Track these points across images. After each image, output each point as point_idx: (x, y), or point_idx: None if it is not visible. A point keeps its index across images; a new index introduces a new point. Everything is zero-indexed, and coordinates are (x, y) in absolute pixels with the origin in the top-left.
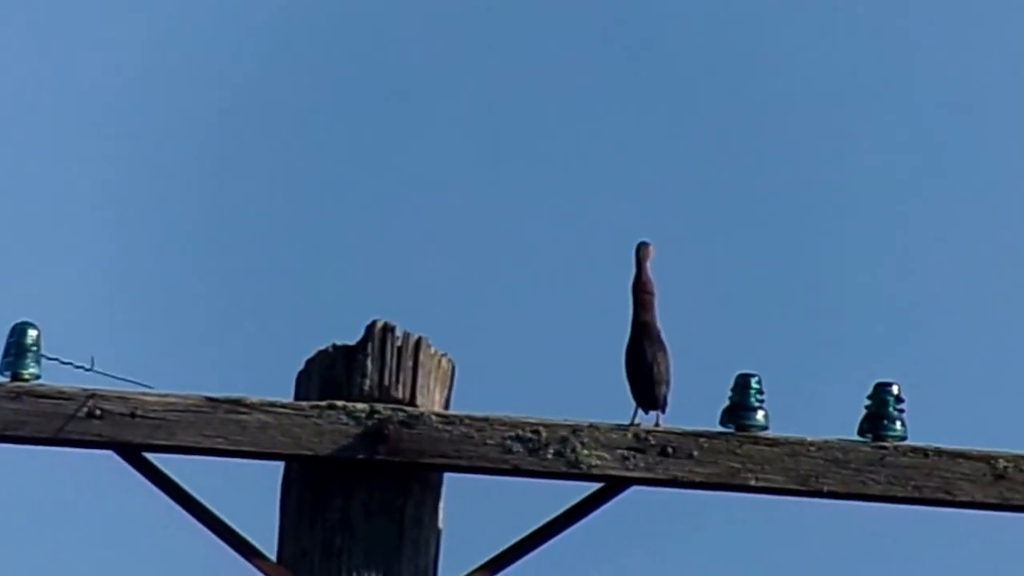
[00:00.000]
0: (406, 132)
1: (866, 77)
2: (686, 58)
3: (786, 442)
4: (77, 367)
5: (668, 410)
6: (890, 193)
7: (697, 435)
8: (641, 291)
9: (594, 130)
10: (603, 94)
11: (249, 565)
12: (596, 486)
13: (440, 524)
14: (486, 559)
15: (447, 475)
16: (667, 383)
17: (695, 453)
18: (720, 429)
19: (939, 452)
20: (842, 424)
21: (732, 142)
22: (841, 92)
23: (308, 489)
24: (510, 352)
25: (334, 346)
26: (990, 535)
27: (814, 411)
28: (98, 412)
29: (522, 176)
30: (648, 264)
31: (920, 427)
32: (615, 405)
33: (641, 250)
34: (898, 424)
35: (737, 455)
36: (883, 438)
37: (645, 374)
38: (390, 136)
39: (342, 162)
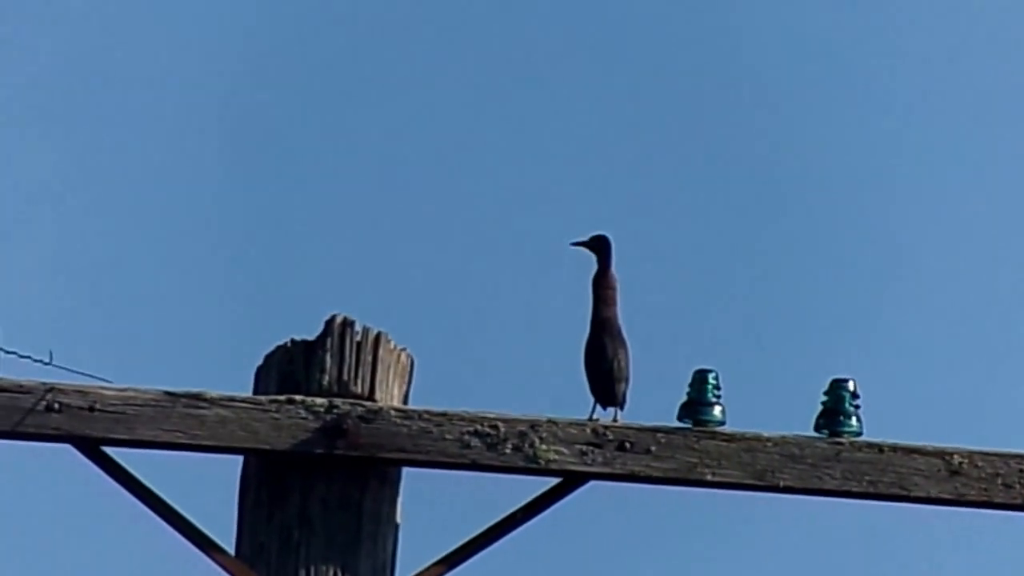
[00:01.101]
0: (366, 126)
1: (832, 72)
2: (641, 48)
3: (743, 437)
4: (36, 361)
5: (626, 406)
6: (848, 190)
7: (655, 430)
8: (603, 286)
9: (553, 124)
10: (562, 87)
11: (207, 559)
12: (554, 481)
13: (398, 519)
14: (443, 554)
15: (405, 470)
16: (627, 380)
17: (653, 448)
18: (677, 424)
19: (894, 448)
20: (798, 420)
21: (692, 137)
22: (802, 86)
23: (266, 483)
24: (469, 347)
25: (293, 341)
26: (945, 530)
27: (771, 407)
28: (57, 406)
29: (482, 170)
30: (610, 258)
31: (876, 423)
32: (574, 400)
33: (602, 244)
34: (854, 420)
35: (694, 450)
36: (839, 434)
37: (606, 371)
38: (350, 131)
39: (302, 157)
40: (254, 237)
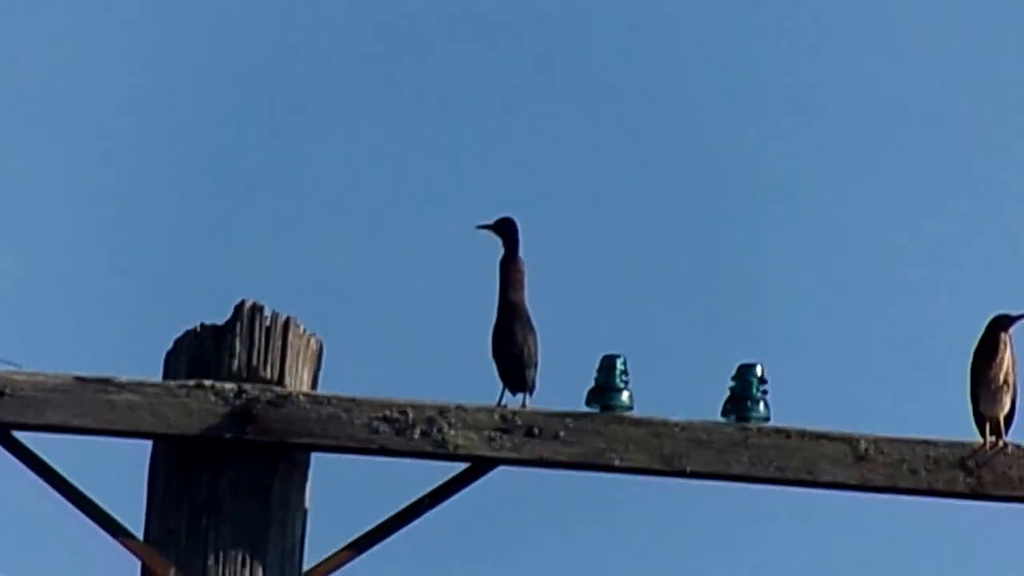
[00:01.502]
0: (273, 110)
1: (734, 62)
2: (546, 35)
3: (650, 423)
4: None
5: (535, 391)
6: (753, 179)
7: (563, 416)
8: (510, 270)
9: (458, 110)
10: (467, 74)
11: (116, 543)
12: (462, 466)
13: (307, 504)
14: (352, 539)
15: (314, 455)
16: (536, 366)
17: (561, 434)
18: (586, 410)
19: (801, 433)
20: (706, 405)
21: (602, 123)
22: (711, 79)
23: (176, 468)
24: (378, 333)
25: (202, 326)
26: (851, 515)
27: (679, 392)
28: None
29: (388, 156)
30: (517, 242)
31: (783, 409)
32: (482, 386)
33: (509, 227)
34: (761, 405)
35: (602, 435)
36: (746, 419)
37: (515, 357)
38: (257, 115)
39: (210, 144)
40: (164, 221)
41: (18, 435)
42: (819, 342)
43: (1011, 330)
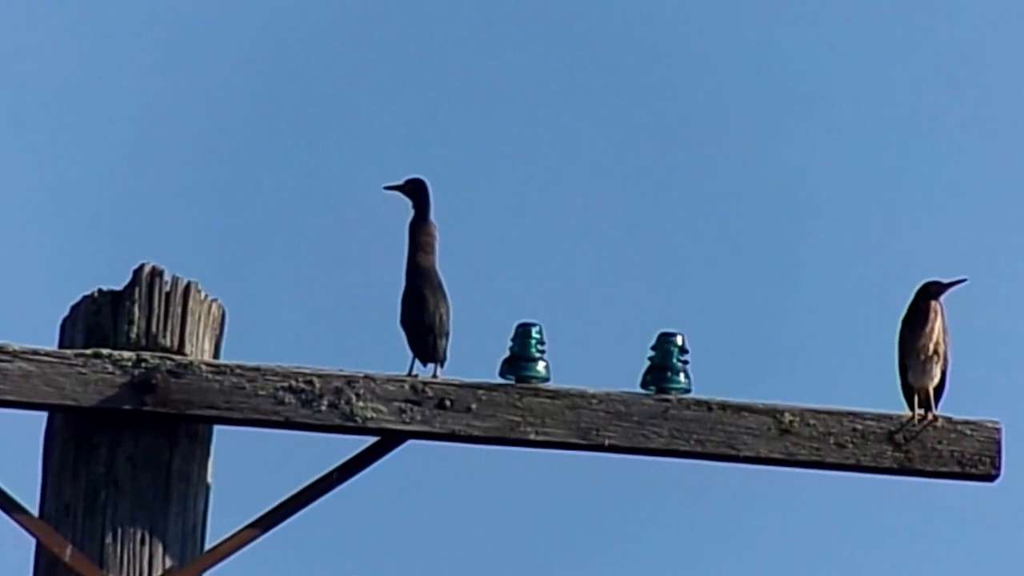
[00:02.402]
0: (172, 70)
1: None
2: None
3: (567, 394)
4: None
5: (447, 361)
6: (671, 138)
7: (476, 387)
8: (420, 233)
9: (372, 64)
10: (380, 29)
11: (10, 520)
12: (371, 440)
13: (209, 479)
14: (257, 516)
15: (217, 427)
16: (448, 334)
17: (473, 406)
18: (500, 381)
19: (723, 406)
20: (625, 376)
21: (519, 81)
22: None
23: (72, 441)
24: (283, 299)
25: (99, 291)
26: (774, 490)
27: (597, 362)
28: None
29: (292, 114)
30: (428, 204)
31: (705, 379)
32: (392, 355)
33: (418, 188)
34: (682, 376)
35: (517, 408)
36: (666, 390)
37: (426, 325)
38: (157, 74)
39: (109, 103)
40: (59, 183)
41: None
42: (741, 310)
43: (942, 298)
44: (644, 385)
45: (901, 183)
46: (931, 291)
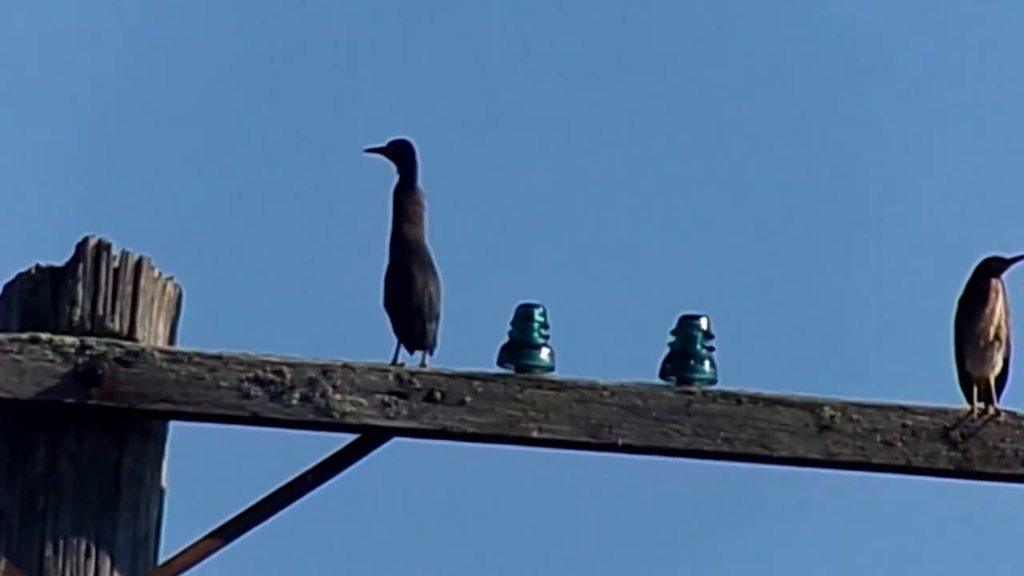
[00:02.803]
0: (129, 37)
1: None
2: None
3: (575, 386)
4: None
5: (436, 348)
6: (697, 116)
7: (471, 377)
8: (406, 201)
9: (355, 33)
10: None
11: None
12: (351, 437)
13: (164, 482)
14: (216, 525)
15: (173, 423)
16: (438, 317)
17: (468, 399)
18: (498, 370)
19: (754, 399)
20: (642, 365)
21: (513, 43)
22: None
23: (6, 439)
24: (248, 277)
25: (38, 267)
26: (814, 494)
27: (609, 349)
28: None
29: (261, 71)
30: (415, 169)
31: (733, 369)
32: (373, 341)
33: (404, 151)
34: (707, 365)
35: (517, 401)
36: (689, 381)
37: (414, 307)
38: (112, 44)
39: (59, 69)
40: None
41: None
42: (774, 289)
43: (1004, 275)
44: (663, 375)
45: (954, 150)
46: (992, 268)
